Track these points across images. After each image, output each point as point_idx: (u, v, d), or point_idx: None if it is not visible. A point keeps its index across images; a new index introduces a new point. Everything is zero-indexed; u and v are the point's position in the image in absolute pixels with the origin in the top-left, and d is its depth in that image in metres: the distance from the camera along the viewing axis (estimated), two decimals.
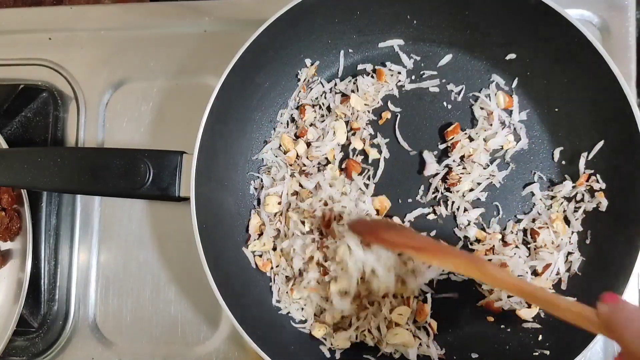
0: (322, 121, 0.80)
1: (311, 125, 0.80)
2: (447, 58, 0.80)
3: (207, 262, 0.69)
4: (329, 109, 0.81)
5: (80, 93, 0.89)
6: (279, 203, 0.78)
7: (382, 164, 0.79)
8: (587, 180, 0.73)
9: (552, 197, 0.76)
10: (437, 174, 0.78)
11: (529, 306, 0.74)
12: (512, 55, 0.77)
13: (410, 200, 0.79)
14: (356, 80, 0.80)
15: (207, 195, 0.73)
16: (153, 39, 0.89)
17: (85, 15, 0.91)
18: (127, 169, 0.74)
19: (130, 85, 0.88)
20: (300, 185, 0.78)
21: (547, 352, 0.70)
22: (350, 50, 0.81)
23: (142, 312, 0.83)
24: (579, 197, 0.74)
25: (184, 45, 0.88)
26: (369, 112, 0.80)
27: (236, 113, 0.77)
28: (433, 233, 0.77)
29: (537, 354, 0.70)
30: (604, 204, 0.72)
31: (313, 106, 0.81)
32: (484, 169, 0.77)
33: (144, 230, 0.85)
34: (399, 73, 0.80)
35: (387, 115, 0.80)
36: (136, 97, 0.88)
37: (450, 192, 0.77)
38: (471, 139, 0.77)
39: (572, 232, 0.74)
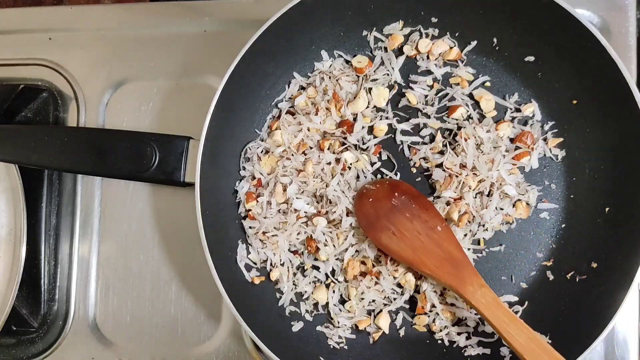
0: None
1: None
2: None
3: (208, 249, 0.69)
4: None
5: (80, 93, 0.89)
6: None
7: None
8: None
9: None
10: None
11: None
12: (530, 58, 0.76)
13: None
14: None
15: (212, 181, 0.73)
16: (153, 39, 0.89)
17: (85, 15, 0.91)
18: (133, 151, 0.75)
19: (130, 85, 0.88)
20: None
21: None
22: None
23: (142, 312, 0.83)
24: None
25: (184, 45, 0.88)
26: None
27: (244, 101, 0.77)
28: None
29: None
30: None
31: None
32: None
33: (145, 230, 0.85)
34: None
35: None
36: (136, 97, 0.88)
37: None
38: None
39: None
